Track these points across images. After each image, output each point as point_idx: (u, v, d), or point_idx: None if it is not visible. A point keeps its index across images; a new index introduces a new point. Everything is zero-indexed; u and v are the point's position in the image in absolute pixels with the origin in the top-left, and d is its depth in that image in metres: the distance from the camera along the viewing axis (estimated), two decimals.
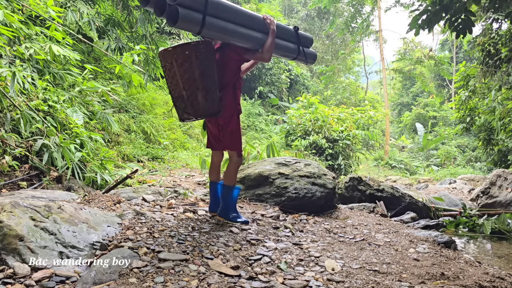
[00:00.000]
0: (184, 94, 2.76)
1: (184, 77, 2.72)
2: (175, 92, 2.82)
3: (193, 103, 2.77)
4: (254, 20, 2.95)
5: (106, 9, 7.92)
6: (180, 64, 2.70)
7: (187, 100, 2.76)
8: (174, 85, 2.79)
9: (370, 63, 33.17)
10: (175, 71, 2.72)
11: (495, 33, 7.94)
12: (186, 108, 2.81)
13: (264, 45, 2.95)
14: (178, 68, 2.71)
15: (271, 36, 2.96)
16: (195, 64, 2.69)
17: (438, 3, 4.64)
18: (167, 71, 2.81)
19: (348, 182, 6.19)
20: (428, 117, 26.65)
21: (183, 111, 2.86)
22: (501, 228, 5.09)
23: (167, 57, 2.76)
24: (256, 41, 2.96)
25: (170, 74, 2.79)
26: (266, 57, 2.98)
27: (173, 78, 2.76)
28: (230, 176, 3.22)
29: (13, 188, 4.55)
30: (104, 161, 5.73)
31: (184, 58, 2.69)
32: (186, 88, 2.73)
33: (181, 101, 2.82)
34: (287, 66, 21.36)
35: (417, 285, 2.41)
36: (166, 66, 2.78)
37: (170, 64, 2.74)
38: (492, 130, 11.07)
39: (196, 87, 2.73)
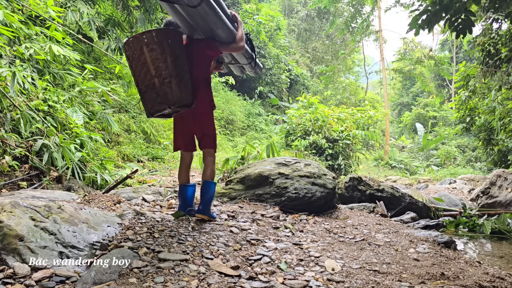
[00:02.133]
0: (156, 81, 2.59)
1: (156, 64, 2.58)
2: (145, 81, 2.63)
3: (166, 91, 2.60)
4: (226, 9, 2.95)
5: (106, 9, 7.92)
6: (151, 49, 2.57)
7: (159, 88, 2.59)
8: (144, 73, 2.61)
9: (370, 63, 33.18)
10: (145, 58, 2.57)
11: (495, 33, 7.94)
12: (157, 98, 2.62)
13: (237, 35, 2.98)
14: (149, 54, 2.56)
15: (240, 27, 3.02)
16: (167, 50, 2.59)
17: (438, 3, 4.64)
18: (135, 60, 2.62)
19: (348, 182, 6.19)
20: (428, 117, 26.65)
21: (153, 103, 2.66)
22: (501, 228, 5.09)
23: (135, 44, 2.59)
24: (229, 32, 2.92)
25: (138, 63, 2.61)
26: (241, 45, 2.98)
27: (143, 66, 2.59)
28: (212, 172, 3.20)
29: (13, 188, 4.55)
30: (104, 161, 5.73)
31: (156, 44, 2.57)
32: (158, 75, 2.58)
33: (151, 91, 2.63)
34: (287, 66, 21.37)
35: (417, 285, 2.41)
36: (135, 54, 2.60)
37: (139, 51, 2.58)
38: (492, 130, 11.07)
39: (169, 73, 2.60)
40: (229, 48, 3.02)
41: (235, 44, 2.99)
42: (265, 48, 19.27)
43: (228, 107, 15.98)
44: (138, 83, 2.69)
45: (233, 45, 2.99)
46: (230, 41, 2.99)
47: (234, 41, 2.99)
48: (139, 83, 2.68)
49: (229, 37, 2.95)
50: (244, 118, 16.93)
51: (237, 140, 14.79)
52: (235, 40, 2.98)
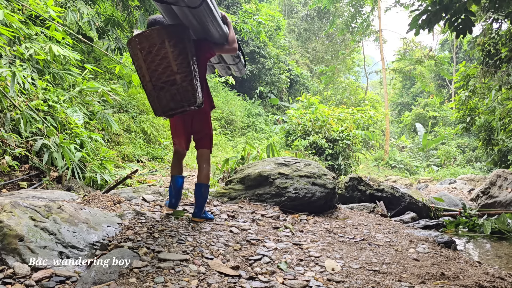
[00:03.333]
0: (178, 78, 2.46)
1: (179, 59, 2.46)
2: (162, 77, 2.47)
3: (187, 89, 2.48)
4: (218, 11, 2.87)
5: (106, 9, 7.92)
6: (174, 44, 2.44)
7: (180, 85, 2.46)
8: (163, 69, 2.45)
9: (370, 63, 33.17)
10: (167, 53, 2.43)
11: (495, 33, 7.94)
12: (176, 96, 2.47)
13: (229, 37, 2.96)
14: (172, 49, 2.43)
15: (231, 28, 3.01)
16: (188, 47, 2.52)
17: (438, 3, 4.64)
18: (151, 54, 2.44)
19: (348, 182, 6.19)
20: (428, 117, 26.65)
21: (170, 100, 2.50)
22: (501, 228, 5.09)
23: (155, 37, 2.45)
24: (223, 33, 2.90)
25: (157, 57, 2.45)
26: (234, 47, 2.99)
27: (163, 60, 2.44)
28: (208, 174, 3.16)
29: (13, 188, 4.55)
30: (104, 161, 5.73)
31: (178, 39, 2.47)
32: (180, 72, 2.46)
33: (170, 88, 2.47)
34: (287, 66, 21.36)
35: (417, 285, 2.41)
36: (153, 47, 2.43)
37: (160, 45, 2.43)
38: (492, 130, 11.07)
39: (190, 71, 2.49)
40: (223, 49, 3.00)
41: (228, 46, 2.98)
42: (265, 48, 19.26)
43: (228, 107, 15.98)
44: (152, 78, 2.50)
45: (227, 47, 2.99)
46: (223, 43, 2.97)
47: (227, 42, 2.97)
48: (154, 79, 2.50)
49: (222, 38, 2.94)
50: (244, 118, 16.93)
51: (237, 140, 14.79)
52: (228, 42, 2.97)
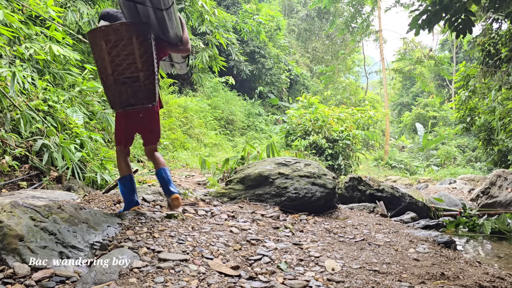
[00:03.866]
0: (141, 76, 2.49)
1: (145, 57, 2.48)
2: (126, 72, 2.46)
3: (149, 87, 2.53)
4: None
5: None
6: (141, 42, 2.46)
7: (143, 83, 2.49)
8: (127, 64, 2.44)
9: (370, 63, 33.18)
10: (133, 49, 2.43)
11: (495, 33, 7.94)
12: (138, 93, 2.51)
13: (183, 38, 3.01)
14: (139, 46, 2.44)
15: (185, 29, 3.06)
16: (152, 46, 2.55)
17: (438, 3, 4.64)
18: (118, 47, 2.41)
19: (348, 182, 6.19)
20: (428, 117, 26.66)
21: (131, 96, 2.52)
22: (501, 228, 5.08)
23: (124, 32, 2.43)
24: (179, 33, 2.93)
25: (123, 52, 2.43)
26: (188, 47, 3.05)
27: (128, 56, 2.43)
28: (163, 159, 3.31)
29: (13, 188, 4.55)
30: (104, 161, 5.73)
31: (145, 37, 2.49)
32: (144, 69, 2.48)
33: (132, 84, 2.49)
34: (287, 66, 21.37)
35: (417, 285, 2.41)
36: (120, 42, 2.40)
37: (128, 40, 2.41)
38: (492, 130, 11.07)
39: (153, 70, 2.54)
40: (178, 49, 3.05)
41: (182, 47, 3.04)
42: (265, 48, 19.27)
43: (228, 107, 15.98)
44: (114, 72, 2.47)
45: (181, 47, 3.04)
46: (177, 43, 3.01)
47: (181, 43, 3.02)
48: (116, 73, 2.47)
49: (177, 39, 2.98)
50: (244, 118, 16.93)
51: (237, 140, 14.80)
52: (182, 43, 3.01)
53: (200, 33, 13.04)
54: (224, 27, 10.09)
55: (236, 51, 16.52)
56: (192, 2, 7.25)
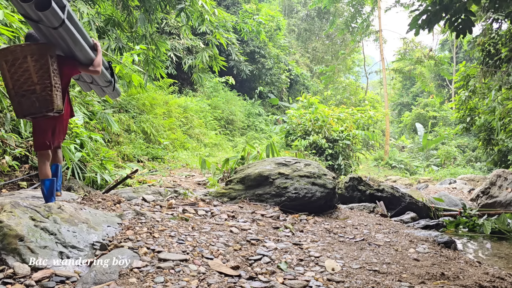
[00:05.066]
0: (38, 88, 2.91)
1: (40, 72, 2.91)
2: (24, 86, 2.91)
3: (46, 98, 2.94)
4: (88, 39, 3.38)
5: (106, 9, 7.91)
6: (36, 60, 2.90)
7: (40, 94, 2.91)
8: (24, 79, 2.90)
9: (370, 63, 33.17)
10: (28, 66, 2.88)
11: (495, 33, 7.94)
12: (35, 103, 2.93)
13: (95, 60, 3.38)
14: (34, 64, 2.89)
15: (100, 54, 3.43)
16: (49, 62, 2.95)
17: (438, 3, 4.64)
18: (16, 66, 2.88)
19: (348, 182, 6.19)
20: (428, 117, 26.65)
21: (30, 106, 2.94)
22: (501, 228, 5.08)
23: (19, 53, 2.88)
24: (88, 56, 3.33)
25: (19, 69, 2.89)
26: (97, 69, 3.40)
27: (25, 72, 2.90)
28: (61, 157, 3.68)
29: (13, 188, 4.55)
30: (104, 161, 5.72)
31: (40, 55, 2.92)
32: (40, 83, 2.91)
33: (30, 95, 2.92)
34: (287, 66, 21.37)
35: (417, 285, 2.41)
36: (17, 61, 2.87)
37: (23, 59, 2.87)
38: (492, 130, 11.06)
39: (49, 83, 2.95)
40: (87, 70, 3.39)
41: (92, 68, 3.37)
42: (265, 48, 19.27)
43: (228, 107, 15.98)
44: (14, 86, 2.93)
45: (90, 68, 3.37)
46: (88, 64, 3.36)
47: (92, 64, 3.37)
48: (16, 87, 2.92)
49: (88, 61, 3.34)
50: (244, 118, 16.93)
51: (237, 140, 14.80)
52: (93, 64, 3.37)
53: (200, 33, 13.04)
54: (224, 27, 10.08)
55: (236, 51, 16.51)
56: (192, 2, 7.24)
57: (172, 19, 12.97)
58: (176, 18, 10.93)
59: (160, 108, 10.72)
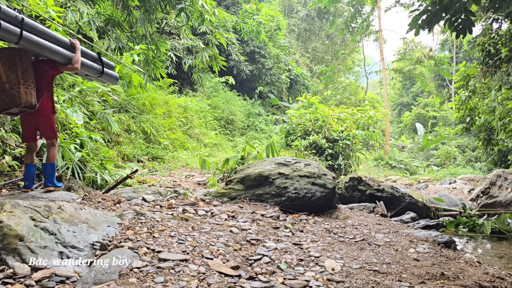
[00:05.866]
0: (7, 86, 3.26)
1: (8, 72, 3.26)
2: None
3: (14, 94, 3.27)
4: (62, 41, 3.69)
5: (106, 9, 7.91)
6: (4, 62, 3.27)
7: (8, 91, 3.25)
8: None
9: (370, 63, 33.17)
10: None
11: (495, 33, 7.94)
12: (6, 99, 3.27)
13: (73, 59, 3.72)
14: (1, 65, 3.25)
15: (78, 52, 3.76)
16: (18, 64, 3.30)
17: (438, 3, 4.64)
18: None
19: (348, 182, 6.19)
20: (428, 117, 26.65)
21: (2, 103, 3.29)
22: (501, 228, 5.08)
23: None
24: (65, 57, 3.67)
25: None
26: (75, 67, 3.73)
27: None
28: (52, 156, 3.92)
29: (13, 188, 4.55)
30: (104, 161, 5.72)
31: (8, 58, 3.28)
32: (8, 82, 3.26)
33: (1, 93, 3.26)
34: (287, 66, 21.36)
35: (417, 285, 2.41)
36: None
37: None
38: (492, 130, 11.06)
39: (18, 81, 3.28)
40: (67, 68, 3.76)
41: (70, 66, 3.72)
42: (265, 48, 19.26)
43: (228, 107, 15.98)
44: None
45: (69, 66, 3.73)
46: (67, 63, 3.71)
47: (70, 63, 3.71)
48: None
49: (66, 60, 3.69)
50: (244, 118, 16.93)
51: (237, 140, 14.79)
52: (71, 63, 3.71)
53: (200, 33, 13.04)
54: (224, 27, 10.08)
55: (236, 51, 16.51)
56: (192, 2, 7.24)
57: (172, 19, 12.98)
58: (176, 18, 10.93)
59: (160, 108, 10.72)
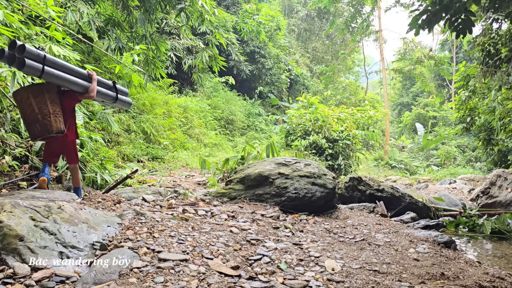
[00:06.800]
0: (39, 117, 3.69)
1: (39, 104, 3.70)
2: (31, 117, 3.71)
3: (46, 123, 3.71)
4: (81, 73, 4.11)
5: (106, 9, 7.92)
6: (36, 96, 3.71)
7: (41, 122, 3.68)
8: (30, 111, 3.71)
9: (370, 63, 33.18)
10: (31, 102, 3.69)
11: (495, 33, 7.94)
12: (38, 128, 3.69)
13: (89, 88, 4.13)
14: (34, 99, 3.69)
15: (94, 82, 4.18)
16: (46, 96, 3.75)
17: (438, 3, 4.64)
18: (23, 103, 3.71)
19: (348, 182, 6.19)
20: (428, 117, 26.66)
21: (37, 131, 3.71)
22: (501, 228, 5.08)
23: (23, 93, 3.72)
24: (83, 86, 4.10)
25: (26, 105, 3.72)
26: (91, 95, 4.17)
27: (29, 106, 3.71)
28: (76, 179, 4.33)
29: (13, 188, 4.55)
30: (104, 161, 5.72)
31: (38, 92, 3.73)
32: (40, 113, 3.70)
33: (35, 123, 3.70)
34: (287, 66, 21.36)
35: (417, 285, 2.41)
36: (23, 98, 3.71)
37: (26, 97, 3.70)
38: (492, 130, 11.07)
39: (48, 111, 3.72)
40: (84, 96, 4.19)
41: (87, 94, 4.16)
42: (265, 48, 19.26)
43: (228, 107, 15.98)
44: (25, 117, 3.75)
45: (86, 95, 4.16)
46: (85, 92, 4.14)
47: (87, 92, 4.15)
48: (25, 117, 3.75)
49: (84, 89, 4.12)
50: (244, 118, 16.93)
51: (237, 140, 14.79)
52: (88, 91, 4.15)
53: (200, 33, 13.05)
54: (224, 27, 10.09)
55: (236, 51, 16.51)
56: (192, 2, 7.24)
57: (172, 19, 12.98)
58: (176, 18, 10.93)
59: (160, 108, 10.72)
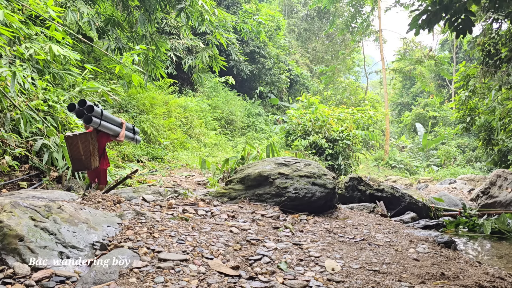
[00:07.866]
0: (83, 158, 4.57)
1: (84, 149, 4.58)
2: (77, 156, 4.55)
3: (87, 162, 4.59)
4: (116, 120, 4.99)
5: (106, 9, 7.91)
6: (83, 142, 4.57)
7: (84, 161, 4.56)
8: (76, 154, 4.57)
9: (370, 63, 33.17)
10: (79, 147, 4.55)
11: (495, 33, 7.94)
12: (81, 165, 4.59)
13: (120, 133, 5.04)
14: (81, 144, 4.56)
15: (123, 129, 5.08)
16: (90, 142, 4.61)
17: (438, 3, 4.64)
18: (73, 145, 4.53)
19: (348, 182, 6.19)
20: (428, 117, 26.65)
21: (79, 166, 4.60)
22: (501, 228, 5.08)
23: (74, 139, 4.53)
24: (116, 131, 5.00)
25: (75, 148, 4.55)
26: (121, 139, 5.08)
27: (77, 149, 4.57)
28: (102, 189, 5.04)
29: (13, 188, 4.55)
30: None
31: (85, 139, 4.58)
32: (84, 155, 4.58)
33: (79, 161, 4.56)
34: (287, 66, 21.36)
35: (417, 285, 2.41)
36: (74, 143, 4.53)
37: (75, 143, 4.54)
38: (492, 130, 11.06)
39: (89, 154, 4.60)
40: (115, 139, 5.07)
41: (118, 138, 5.05)
42: (265, 48, 19.27)
43: (228, 107, 15.98)
44: (72, 155, 4.56)
45: (117, 138, 5.06)
46: (116, 135, 5.02)
47: (118, 136, 5.04)
48: (73, 155, 4.56)
49: (116, 134, 5.01)
50: (244, 118, 16.93)
51: (237, 140, 14.80)
52: (119, 136, 5.04)
53: (200, 33, 13.05)
54: (224, 27, 10.08)
55: (236, 51, 16.51)
56: (192, 2, 7.24)
57: (172, 19, 12.98)
58: (176, 18, 10.93)
59: (160, 108, 10.71)
